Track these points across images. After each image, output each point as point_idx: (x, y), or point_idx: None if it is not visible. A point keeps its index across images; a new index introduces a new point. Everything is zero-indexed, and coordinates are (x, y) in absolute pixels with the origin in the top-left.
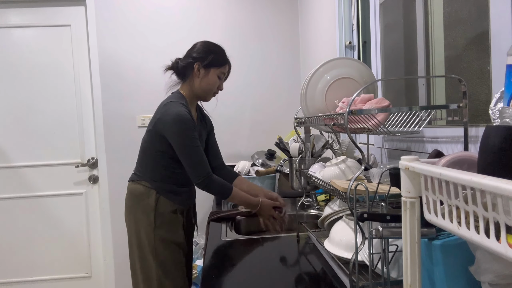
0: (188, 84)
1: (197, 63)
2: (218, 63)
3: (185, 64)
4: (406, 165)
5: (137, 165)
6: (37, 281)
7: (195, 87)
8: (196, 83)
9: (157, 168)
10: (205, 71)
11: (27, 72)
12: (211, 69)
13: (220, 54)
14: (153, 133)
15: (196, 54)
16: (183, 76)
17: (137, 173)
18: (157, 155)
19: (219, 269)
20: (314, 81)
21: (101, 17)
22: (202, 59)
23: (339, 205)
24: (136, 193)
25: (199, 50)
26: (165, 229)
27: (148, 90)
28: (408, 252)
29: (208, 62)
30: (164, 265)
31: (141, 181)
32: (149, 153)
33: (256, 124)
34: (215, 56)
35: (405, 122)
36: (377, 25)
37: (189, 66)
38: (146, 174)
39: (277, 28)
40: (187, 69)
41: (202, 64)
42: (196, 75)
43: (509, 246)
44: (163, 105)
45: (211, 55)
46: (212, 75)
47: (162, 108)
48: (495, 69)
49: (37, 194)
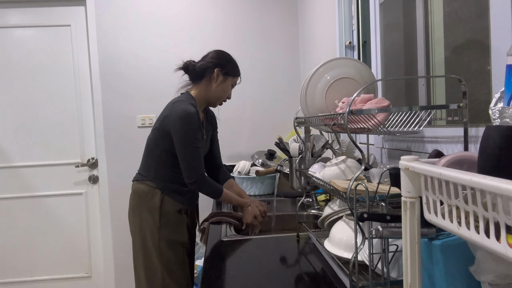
0: (201, 86)
1: (218, 68)
2: (234, 73)
3: (205, 67)
4: (406, 165)
5: (142, 165)
6: (37, 281)
7: (210, 91)
8: (212, 87)
9: (162, 168)
10: (223, 78)
11: (27, 72)
12: (228, 78)
13: (236, 65)
14: (159, 130)
15: (217, 60)
16: (198, 78)
17: (142, 173)
18: (162, 154)
19: (219, 269)
20: (314, 81)
21: (101, 17)
22: (223, 66)
23: (339, 205)
24: (140, 192)
25: (218, 57)
26: (170, 229)
27: (148, 90)
28: (408, 252)
29: (227, 70)
30: (168, 265)
31: (145, 181)
32: (154, 152)
33: (256, 124)
34: (233, 66)
35: (405, 122)
36: (377, 25)
37: (209, 69)
38: (150, 173)
39: (277, 28)
40: (205, 72)
41: (222, 71)
42: (214, 79)
43: (509, 246)
44: (172, 103)
45: (230, 64)
46: (228, 83)
47: (170, 106)
48: (495, 69)
49: (37, 194)
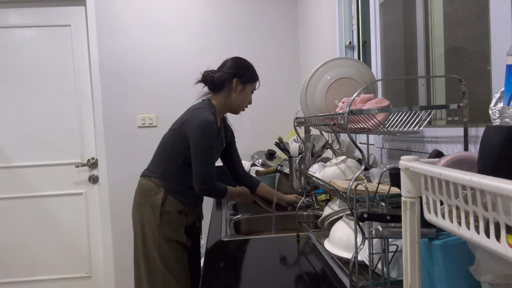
0: (222, 96)
1: (236, 79)
2: (253, 79)
3: (223, 78)
4: (406, 165)
5: (152, 161)
6: (37, 281)
7: (231, 100)
8: (232, 97)
9: (171, 168)
10: (242, 87)
11: (27, 72)
12: (247, 85)
13: (253, 71)
14: (177, 132)
15: (234, 70)
16: (219, 89)
17: (150, 169)
18: (174, 155)
19: (219, 269)
20: (314, 81)
21: (101, 17)
22: (241, 75)
23: (339, 205)
24: (145, 188)
25: (236, 66)
26: (170, 228)
27: (148, 90)
28: (408, 252)
29: (246, 78)
30: (168, 262)
31: (151, 178)
32: (167, 151)
33: (256, 124)
34: (250, 73)
35: (405, 122)
36: (377, 25)
37: (228, 80)
38: (158, 171)
39: (277, 28)
40: (225, 82)
41: (241, 80)
42: (234, 89)
43: (509, 246)
44: (194, 109)
45: (248, 72)
46: (248, 90)
47: (192, 111)
48: (495, 69)
49: (37, 194)
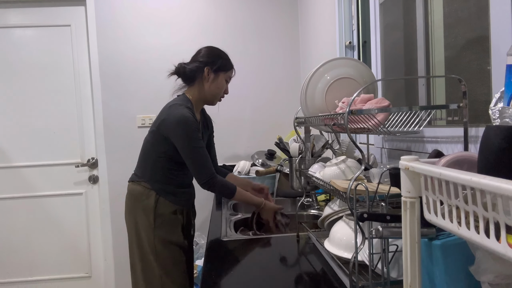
0: (195, 88)
1: (207, 67)
2: (225, 67)
3: (194, 68)
4: (406, 165)
5: (138, 166)
6: (37, 281)
7: (204, 91)
8: (205, 87)
9: (157, 169)
10: (215, 75)
11: (27, 72)
12: (220, 73)
13: (227, 59)
14: (156, 134)
15: (205, 58)
16: (191, 80)
17: (137, 174)
18: (159, 156)
19: (219, 269)
20: (314, 81)
21: (101, 17)
22: (212, 63)
23: (339, 205)
24: (135, 193)
25: (208, 55)
26: (165, 229)
27: (148, 90)
28: (408, 252)
29: (217, 66)
30: (165, 265)
31: (140, 182)
32: (150, 154)
33: (256, 124)
34: (223, 61)
35: (405, 122)
36: (377, 25)
37: (199, 70)
38: (146, 175)
39: (277, 28)
40: (196, 73)
41: (212, 69)
42: (205, 79)
43: (509, 246)
44: (168, 107)
45: (220, 60)
46: (221, 79)
47: (167, 110)
48: (495, 69)
49: (37, 194)
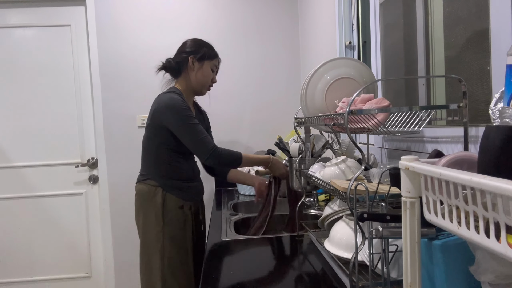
0: (183, 78)
1: (191, 56)
2: (210, 56)
3: (179, 60)
4: (406, 165)
5: (141, 165)
6: (37, 281)
7: (191, 80)
8: (192, 76)
9: (161, 164)
10: (199, 64)
11: (27, 72)
12: (204, 62)
13: (210, 48)
14: (151, 126)
15: (189, 48)
16: (178, 72)
17: (142, 173)
18: (159, 150)
19: (219, 269)
20: (314, 81)
21: (101, 17)
22: (195, 52)
23: (339, 205)
24: (142, 193)
25: (191, 45)
26: (174, 226)
27: (148, 90)
28: (408, 252)
29: (201, 55)
30: (171, 264)
31: (146, 181)
32: (150, 148)
33: (256, 124)
34: (207, 49)
35: (405, 122)
36: (377, 25)
37: (184, 60)
38: (150, 171)
39: (277, 28)
40: (181, 64)
41: (196, 57)
42: (191, 68)
43: (509, 246)
44: (157, 97)
45: (203, 48)
46: (206, 67)
47: (156, 100)
48: (495, 69)
49: (37, 194)
